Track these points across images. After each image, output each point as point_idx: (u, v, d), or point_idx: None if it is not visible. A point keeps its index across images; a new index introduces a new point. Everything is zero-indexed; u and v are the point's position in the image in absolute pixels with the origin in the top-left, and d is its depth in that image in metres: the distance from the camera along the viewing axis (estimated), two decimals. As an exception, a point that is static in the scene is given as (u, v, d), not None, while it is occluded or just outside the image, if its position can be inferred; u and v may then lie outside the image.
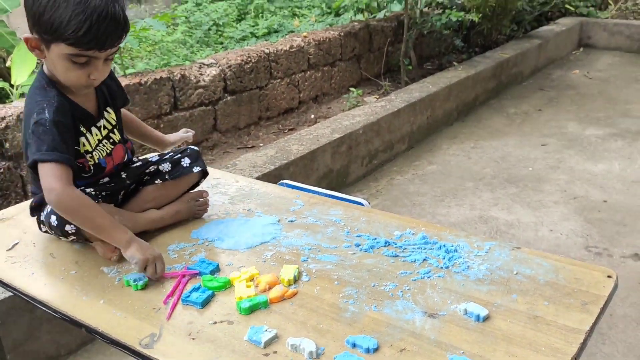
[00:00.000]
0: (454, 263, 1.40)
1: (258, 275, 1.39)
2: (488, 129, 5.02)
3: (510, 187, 3.90)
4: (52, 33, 1.35)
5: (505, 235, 3.32)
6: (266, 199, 1.79)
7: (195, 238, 1.60)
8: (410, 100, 4.50)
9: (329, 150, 3.72)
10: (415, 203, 3.73)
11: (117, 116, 1.70)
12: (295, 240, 1.55)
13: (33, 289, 1.39)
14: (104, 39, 1.37)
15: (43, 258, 1.53)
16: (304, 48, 4.75)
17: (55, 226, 1.49)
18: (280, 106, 4.65)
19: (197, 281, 1.39)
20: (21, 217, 1.73)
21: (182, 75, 3.85)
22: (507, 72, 5.92)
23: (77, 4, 1.32)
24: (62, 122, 1.45)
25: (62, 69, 1.42)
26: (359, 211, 1.69)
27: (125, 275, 1.41)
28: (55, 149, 1.41)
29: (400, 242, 1.51)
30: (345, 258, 1.45)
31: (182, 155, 1.74)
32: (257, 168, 3.31)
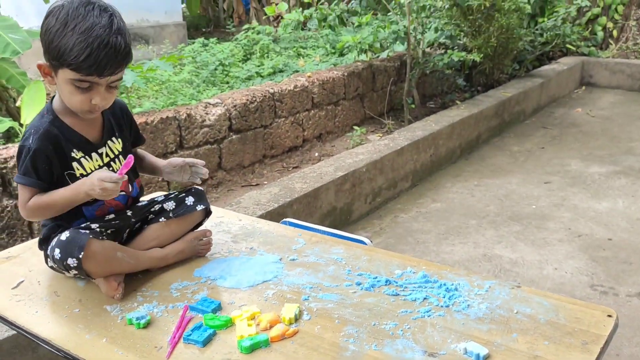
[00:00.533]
0: (454, 302, 1.41)
1: (259, 314, 1.40)
2: (491, 167, 5.04)
3: (514, 225, 3.90)
4: (58, 59, 1.47)
5: (510, 273, 3.31)
6: (268, 238, 1.81)
7: (198, 276, 1.61)
8: (413, 138, 4.54)
9: (333, 188, 3.74)
10: (419, 241, 3.73)
11: (124, 147, 1.75)
12: (297, 278, 1.56)
13: (36, 327, 1.40)
14: (103, 66, 1.46)
15: (47, 296, 1.54)
16: (308, 88, 4.83)
17: (58, 259, 1.52)
18: (284, 144, 4.70)
19: (198, 319, 1.40)
20: (27, 256, 1.75)
21: (188, 115, 3.91)
22: (510, 110, 5.97)
23: (81, 33, 1.44)
24: (40, 150, 1.56)
25: (67, 93, 1.53)
26: (361, 250, 1.70)
27: (127, 313, 1.43)
28: (26, 174, 1.57)
29: (401, 280, 1.52)
30: (346, 297, 1.46)
31: (186, 194, 1.77)
32: (261, 206, 3.33)
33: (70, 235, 1.51)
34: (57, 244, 1.52)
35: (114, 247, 1.57)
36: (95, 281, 1.56)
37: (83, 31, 1.44)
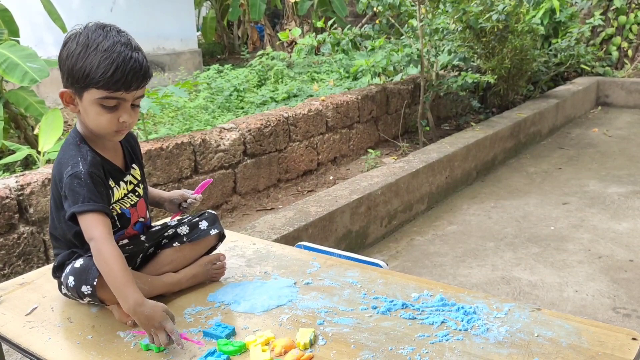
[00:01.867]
0: (473, 325, 1.37)
1: (274, 339, 1.37)
2: (508, 188, 4.99)
3: (532, 246, 3.84)
4: (84, 80, 1.48)
5: (529, 296, 3.25)
6: (283, 261, 1.79)
7: (211, 301, 1.60)
8: (428, 160, 4.52)
9: (348, 211, 3.72)
10: (436, 264, 3.68)
11: (141, 173, 1.76)
12: (312, 303, 1.54)
13: (49, 354, 1.39)
14: (130, 80, 1.49)
15: (61, 322, 1.53)
16: (322, 111, 4.84)
17: (72, 287, 1.51)
18: (299, 168, 4.69)
19: (212, 345, 1.38)
20: (41, 282, 1.74)
21: (202, 140, 3.93)
22: (525, 131, 5.94)
23: (105, 51, 1.47)
24: (95, 173, 1.54)
25: (94, 115, 1.53)
26: (376, 273, 1.67)
27: (141, 340, 1.41)
28: (91, 200, 1.49)
29: (417, 304, 1.49)
30: (362, 321, 1.43)
31: (200, 219, 1.76)
32: (275, 230, 3.32)
33: (84, 262, 1.50)
34: (71, 272, 1.51)
35: None
36: (109, 307, 1.55)
37: (106, 49, 1.47)
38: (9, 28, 5.06)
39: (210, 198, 3.95)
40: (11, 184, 3.02)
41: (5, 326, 1.52)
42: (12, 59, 4.25)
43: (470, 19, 5.28)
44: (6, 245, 2.97)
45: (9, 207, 2.96)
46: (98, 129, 1.57)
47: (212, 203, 3.98)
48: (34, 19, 6.75)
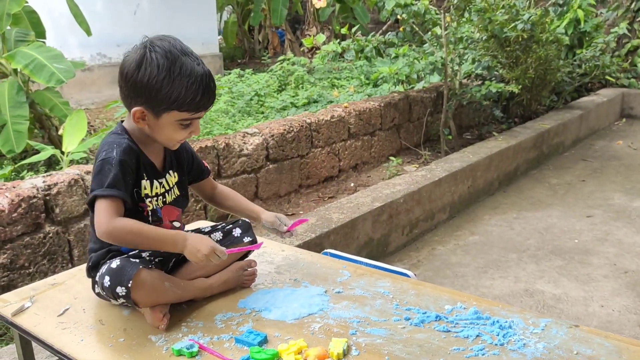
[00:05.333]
0: (509, 340, 1.35)
1: (306, 348, 1.36)
2: (530, 199, 4.94)
3: (555, 259, 3.79)
4: (170, 104, 1.53)
5: (554, 310, 3.20)
6: (312, 269, 1.78)
7: (242, 307, 1.59)
8: (451, 169, 4.49)
9: (370, 219, 3.71)
10: (458, 274, 3.65)
11: (178, 181, 1.77)
12: (343, 312, 1.53)
13: (82, 355, 1.39)
14: (212, 100, 1.58)
15: (93, 324, 1.53)
16: (344, 118, 4.83)
17: (107, 287, 1.51)
18: (320, 174, 4.69)
19: (245, 353, 1.37)
20: (72, 283, 1.75)
21: (226, 144, 3.94)
22: (548, 142, 5.88)
23: (188, 76, 1.51)
24: (126, 161, 1.56)
25: (170, 132, 1.59)
26: (407, 283, 1.66)
27: (173, 344, 1.41)
28: (114, 186, 1.51)
29: (451, 316, 1.47)
30: (395, 332, 1.42)
31: (233, 226, 1.77)
32: (297, 236, 3.31)
33: (120, 263, 1.51)
34: (107, 272, 1.51)
35: (161, 276, 1.56)
36: (141, 310, 1.55)
37: (189, 74, 1.51)
38: (35, 30, 5.12)
39: (232, 202, 3.95)
40: (39, 184, 3.05)
41: (38, 326, 1.53)
42: (39, 60, 4.29)
43: (495, 28, 5.25)
44: (32, 245, 2.99)
45: (36, 207, 2.98)
46: (167, 142, 1.64)
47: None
48: (58, 21, 6.82)
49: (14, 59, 4.31)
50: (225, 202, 1.92)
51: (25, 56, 4.30)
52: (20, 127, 4.43)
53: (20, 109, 4.49)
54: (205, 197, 1.95)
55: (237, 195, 1.94)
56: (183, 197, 1.80)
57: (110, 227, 1.48)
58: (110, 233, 1.49)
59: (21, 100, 4.47)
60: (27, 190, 2.98)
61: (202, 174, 1.88)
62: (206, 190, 1.93)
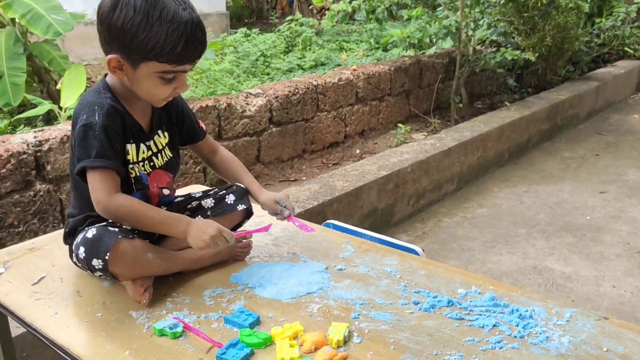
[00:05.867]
0: (530, 332, 1.21)
1: (303, 333, 1.22)
2: (541, 172, 4.77)
3: (566, 236, 3.65)
4: (146, 53, 1.33)
5: (563, 289, 3.07)
6: (313, 242, 1.63)
7: (234, 283, 1.45)
8: (461, 139, 4.32)
9: (375, 187, 3.55)
10: (465, 248, 3.51)
11: (169, 142, 1.61)
12: (345, 292, 1.38)
13: (54, 331, 1.26)
14: (197, 51, 1.38)
15: (69, 296, 1.40)
16: (352, 81, 4.64)
17: (82, 259, 1.36)
18: (325, 140, 4.52)
19: (234, 335, 1.23)
20: (52, 248, 1.61)
21: (228, 105, 3.76)
22: (563, 114, 5.68)
23: (170, 22, 1.31)
24: (111, 126, 1.39)
25: (150, 86, 1.40)
26: (417, 262, 1.51)
27: (155, 323, 1.27)
28: (103, 156, 1.36)
29: (465, 302, 1.32)
30: (402, 318, 1.27)
31: (227, 192, 1.61)
32: (299, 203, 3.17)
33: (97, 233, 1.35)
34: (82, 242, 1.36)
35: (144, 247, 1.41)
36: (123, 282, 1.40)
37: (171, 19, 1.31)
38: (33, -22, 4.91)
39: (232, 165, 3.80)
40: (29, 139, 2.91)
41: (9, 295, 1.39)
42: (36, 10, 4.11)
43: (513, -8, 5.00)
44: (22, 203, 2.86)
45: (25, 163, 2.84)
46: (149, 98, 1.45)
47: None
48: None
49: (10, 8, 4.13)
50: (223, 170, 1.74)
51: (22, 5, 4.12)
52: (17, 80, 4.29)
53: (18, 61, 4.33)
54: (204, 160, 1.78)
55: (237, 166, 1.75)
56: (175, 161, 1.64)
57: (109, 204, 1.35)
58: (108, 210, 1.36)
59: (18, 52, 4.32)
60: (17, 146, 2.84)
61: (195, 135, 1.70)
62: (204, 153, 1.75)
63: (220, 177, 1.75)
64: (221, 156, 1.75)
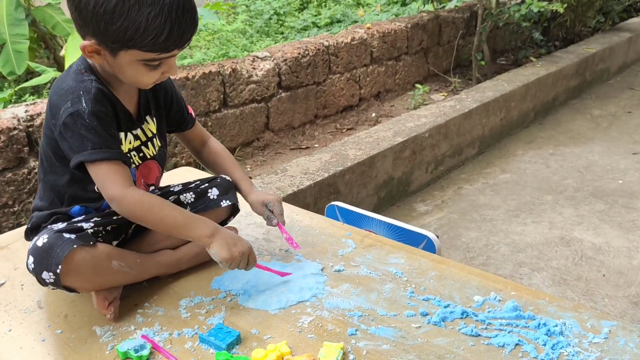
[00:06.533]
0: (560, 354, 1.00)
1: (290, 356, 1.04)
2: (569, 133, 4.50)
3: (596, 202, 3.41)
4: (125, 42, 1.14)
5: (593, 262, 2.86)
6: (310, 236, 1.44)
7: (215, 289, 1.26)
8: (482, 100, 4.06)
9: (390, 155, 3.34)
10: (486, 218, 3.30)
11: (158, 130, 1.42)
12: (343, 301, 1.19)
13: (3, 354, 1.09)
14: (186, 36, 1.18)
15: (28, 307, 1.23)
16: (366, 40, 4.37)
17: (31, 270, 1.17)
18: (338, 104, 4.29)
19: (210, 358, 1.05)
20: (17, 246, 1.44)
21: (233, 70, 3.54)
22: (592, 68, 5.35)
23: (151, 5, 1.11)
24: (102, 112, 1.20)
25: (132, 73, 1.22)
26: (427, 261, 1.31)
27: (119, 343, 1.09)
28: (103, 146, 1.18)
29: (482, 312, 1.12)
30: (407, 334, 1.08)
31: (209, 185, 1.41)
32: (309, 175, 2.97)
33: (48, 241, 1.15)
34: (31, 250, 1.16)
35: (108, 254, 1.22)
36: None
37: (151, 2, 1.11)
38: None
39: (240, 134, 3.61)
40: (20, 113, 2.75)
41: (-38, 307, 1.23)
42: (37, -28, 3.92)
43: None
44: (15, 181, 2.72)
45: (17, 140, 2.69)
46: (134, 84, 1.27)
47: (242, 140, 3.64)
48: None
49: (9, -28, 3.94)
50: (212, 164, 1.54)
51: (21, -33, 3.93)
52: (20, 47, 4.15)
53: (20, 27, 4.19)
54: (192, 151, 1.58)
55: (228, 160, 1.54)
56: (164, 151, 1.44)
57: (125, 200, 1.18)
58: (124, 207, 1.19)
59: (20, 17, 4.17)
60: (7, 121, 2.68)
61: (182, 123, 1.49)
62: (193, 143, 1.55)
63: (209, 171, 1.55)
64: (211, 148, 1.55)
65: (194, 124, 1.52)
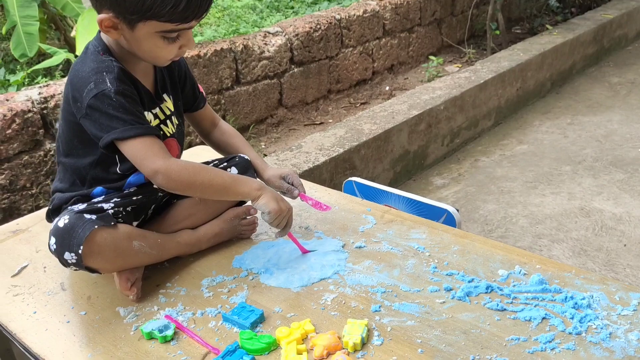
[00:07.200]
0: (589, 327, 0.99)
1: (313, 334, 1.03)
2: (587, 101, 4.42)
3: (616, 172, 3.36)
4: (144, 12, 1.13)
5: (613, 232, 2.82)
6: (329, 213, 1.43)
7: (237, 268, 1.26)
8: (498, 70, 3.99)
9: (406, 129, 3.30)
10: (504, 190, 3.27)
11: (176, 105, 1.41)
12: (365, 277, 1.18)
13: (30, 336, 1.10)
14: (204, 6, 1.18)
15: (52, 289, 1.23)
16: (379, 13, 4.30)
17: (53, 251, 1.17)
18: (351, 78, 4.24)
19: (234, 336, 1.05)
20: (38, 229, 1.44)
21: (244, 46, 3.51)
22: (610, 35, 5.23)
23: None
24: (127, 90, 1.20)
25: (150, 47, 1.21)
26: (449, 235, 1.29)
27: (143, 324, 1.09)
28: (134, 122, 1.17)
29: (507, 286, 1.11)
30: (432, 309, 1.07)
31: (228, 164, 1.40)
32: (324, 151, 2.95)
33: (69, 222, 1.15)
34: (53, 231, 1.16)
35: (129, 234, 1.21)
36: (109, 273, 1.23)
37: None
38: None
39: (253, 111, 3.59)
40: (34, 96, 2.74)
41: (-14, 291, 1.24)
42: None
43: None
44: (32, 164, 2.73)
45: (32, 122, 2.69)
46: (152, 60, 1.25)
47: (256, 117, 3.62)
48: None
49: (16, -48, 3.91)
50: (224, 146, 1.53)
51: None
52: (30, 29, 4.13)
53: (29, 9, 4.17)
54: (202, 133, 1.56)
55: (240, 141, 1.53)
56: (183, 129, 1.43)
57: (170, 169, 1.17)
58: (171, 176, 1.17)
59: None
60: (21, 104, 2.68)
61: (195, 102, 1.47)
62: (203, 125, 1.54)
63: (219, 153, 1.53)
64: (222, 129, 1.54)
65: (205, 103, 1.51)
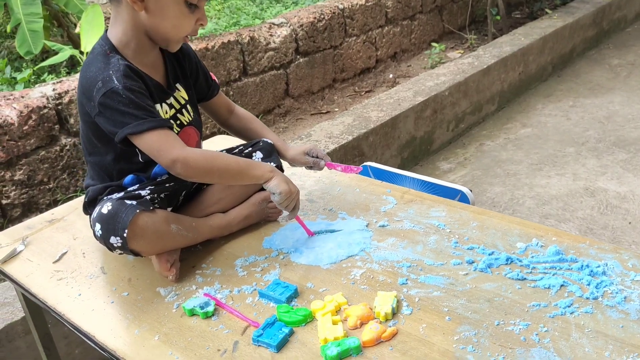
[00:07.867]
0: (604, 292, 1.06)
1: (346, 305, 1.10)
2: (588, 84, 4.47)
3: (619, 152, 3.43)
4: None
5: (618, 210, 2.89)
6: (350, 195, 1.49)
7: (267, 248, 1.32)
8: (500, 55, 4.04)
9: (412, 115, 3.36)
10: (510, 173, 3.33)
11: (189, 95, 1.46)
12: (390, 253, 1.25)
13: (78, 316, 1.16)
14: None
15: (93, 273, 1.30)
16: (381, 1, 4.34)
17: (99, 237, 1.24)
18: (356, 66, 4.29)
19: (271, 310, 1.12)
20: (72, 218, 1.51)
21: (250, 38, 3.56)
22: (609, 17, 5.27)
23: None
24: (135, 85, 1.24)
25: (176, 15, 1.26)
26: (467, 212, 1.35)
27: (184, 302, 1.16)
28: (145, 116, 1.21)
29: (526, 258, 1.18)
30: (456, 281, 1.14)
31: (253, 149, 1.46)
32: (333, 139, 3.01)
33: (113, 208, 1.21)
34: (97, 218, 1.23)
35: (167, 218, 1.28)
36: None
37: None
38: None
39: (261, 102, 3.64)
40: (48, 92, 2.80)
41: (31, 276, 1.30)
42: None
43: None
44: (49, 159, 2.79)
45: (47, 118, 2.74)
46: (173, 33, 1.29)
47: (264, 107, 3.67)
48: None
49: (19, -51, 3.93)
50: (243, 130, 1.58)
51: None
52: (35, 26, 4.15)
53: (33, 6, 4.18)
54: (220, 121, 1.61)
55: (258, 124, 1.59)
56: (199, 118, 1.49)
57: (188, 157, 1.21)
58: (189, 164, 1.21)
59: (32, -5, 4.15)
60: (37, 100, 2.74)
61: (209, 90, 1.53)
62: (220, 112, 1.59)
63: (238, 138, 1.60)
64: (239, 115, 1.60)
65: (218, 90, 1.57)
